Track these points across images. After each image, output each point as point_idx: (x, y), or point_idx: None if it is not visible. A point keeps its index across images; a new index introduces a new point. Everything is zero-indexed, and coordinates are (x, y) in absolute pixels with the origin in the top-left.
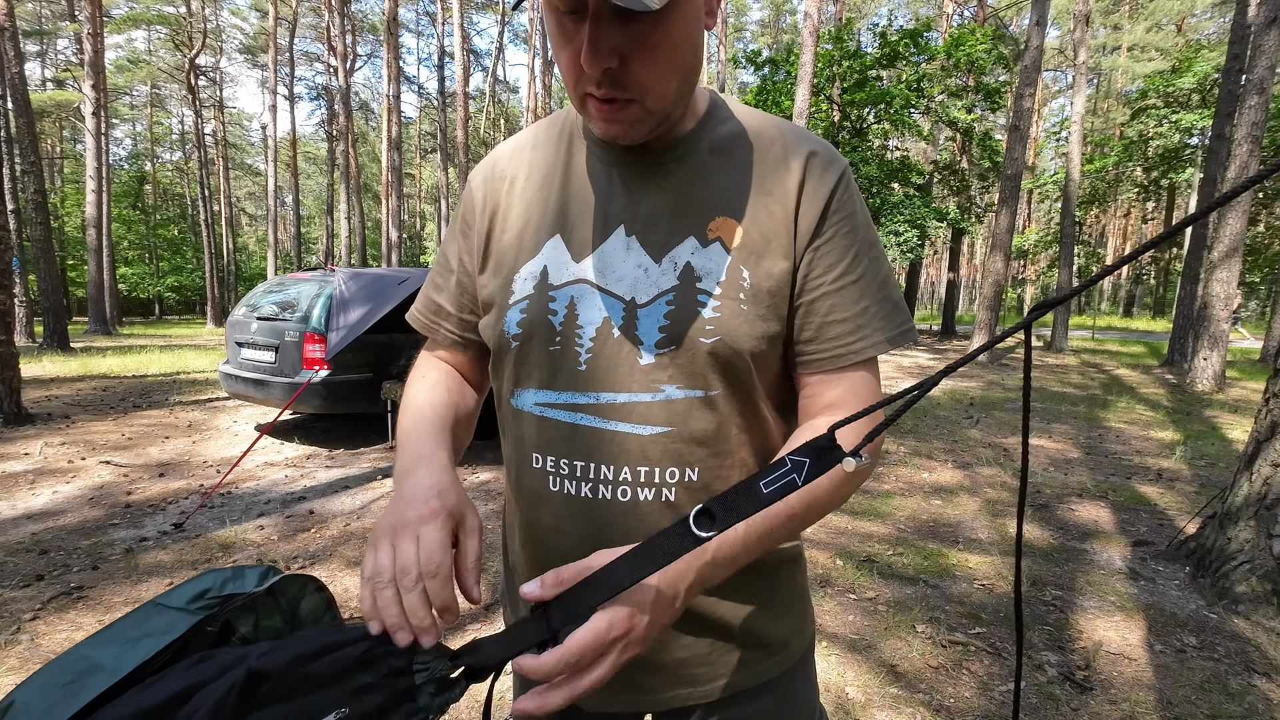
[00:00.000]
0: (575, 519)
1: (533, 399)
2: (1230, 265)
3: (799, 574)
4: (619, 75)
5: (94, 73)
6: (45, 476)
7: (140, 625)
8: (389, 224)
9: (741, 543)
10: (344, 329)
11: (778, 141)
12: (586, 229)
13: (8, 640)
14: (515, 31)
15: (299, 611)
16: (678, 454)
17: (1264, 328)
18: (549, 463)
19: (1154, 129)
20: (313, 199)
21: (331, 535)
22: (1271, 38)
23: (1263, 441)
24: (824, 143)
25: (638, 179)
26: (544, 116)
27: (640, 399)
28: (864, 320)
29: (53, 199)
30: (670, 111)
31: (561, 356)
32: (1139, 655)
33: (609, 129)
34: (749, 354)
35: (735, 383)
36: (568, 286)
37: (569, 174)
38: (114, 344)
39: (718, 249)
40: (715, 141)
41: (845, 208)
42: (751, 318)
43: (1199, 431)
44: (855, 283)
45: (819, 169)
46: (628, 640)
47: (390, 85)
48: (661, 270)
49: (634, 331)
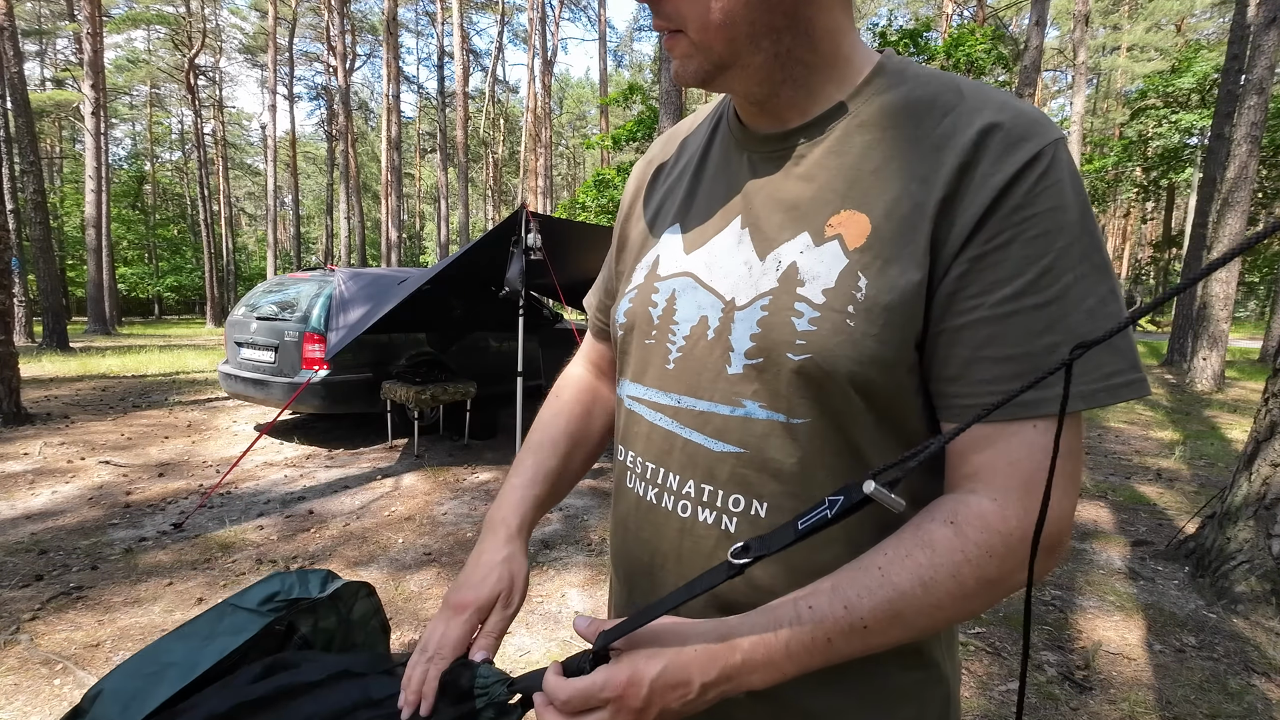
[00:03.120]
0: (640, 522)
1: (627, 390)
2: (1229, 265)
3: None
4: (660, 4)
5: (93, 72)
6: (44, 476)
7: (214, 624)
8: (388, 224)
9: (783, 646)
10: (343, 329)
11: (952, 112)
12: (705, 218)
13: (7, 640)
14: (515, 31)
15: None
16: (745, 481)
17: (1263, 327)
18: (629, 457)
19: (1153, 129)
20: (312, 199)
21: (331, 535)
22: (1271, 38)
23: (1262, 441)
24: (1022, 112)
25: (765, 162)
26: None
27: (719, 410)
28: (1043, 361)
29: (52, 199)
30: (732, 52)
31: (654, 351)
32: (1138, 655)
33: (673, 68)
34: (847, 379)
35: (827, 413)
36: (672, 279)
37: (706, 159)
38: (113, 344)
39: (834, 248)
40: (866, 116)
41: (1037, 203)
42: (857, 336)
43: (1198, 431)
44: (1039, 309)
45: (997, 148)
46: (619, 705)
47: (390, 85)
48: (764, 269)
49: (728, 335)
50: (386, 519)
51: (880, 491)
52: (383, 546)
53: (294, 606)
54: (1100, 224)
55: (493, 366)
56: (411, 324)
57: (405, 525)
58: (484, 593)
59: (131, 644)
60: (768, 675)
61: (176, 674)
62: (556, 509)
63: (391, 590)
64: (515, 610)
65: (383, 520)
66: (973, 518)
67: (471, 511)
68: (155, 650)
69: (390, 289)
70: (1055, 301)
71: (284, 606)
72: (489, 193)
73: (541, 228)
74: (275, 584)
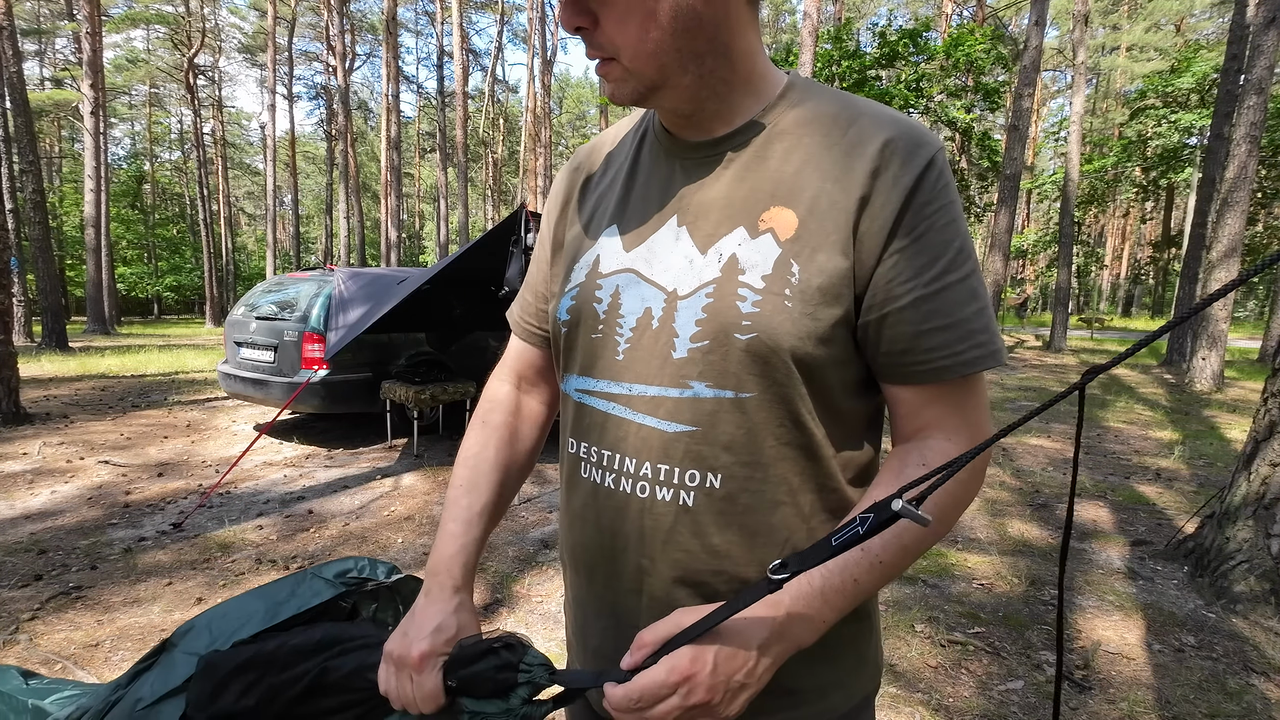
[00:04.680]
0: (597, 508)
1: (575, 385)
2: (1229, 265)
3: (853, 626)
4: (593, 35)
5: (92, 72)
6: (44, 476)
7: (295, 587)
8: (388, 223)
9: (819, 594)
10: (343, 329)
11: (855, 124)
12: (642, 219)
13: (6, 640)
14: (514, 31)
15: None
16: (700, 456)
17: (1262, 327)
18: (581, 448)
19: (1153, 129)
20: (311, 198)
21: (330, 535)
22: (1270, 38)
23: (1261, 441)
24: (911, 125)
25: (697, 167)
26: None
27: (669, 394)
28: (978, 325)
29: (51, 198)
30: (662, 75)
31: (601, 344)
32: (1137, 654)
33: (604, 88)
34: (789, 354)
35: (772, 386)
36: (614, 275)
37: (636, 166)
38: (112, 344)
39: (768, 241)
40: (782, 126)
41: (940, 197)
42: (796, 315)
43: (1197, 431)
44: (961, 282)
45: (900, 156)
46: (690, 685)
47: (389, 85)
48: (706, 261)
49: (671, 323)
50: (386, 519)
51: (908, 508)
52: (382, 546)
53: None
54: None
55: (492, 366)
56: (411, 324)
57: (405, 525)
58: (439, 642)
59: (131, 644)
60: (811, 628)
61: (258, 620)
62: (557, 510)
63: None
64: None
65: (382, 520)
66: (939, 456)
67: None
68: (239, 602)
69: (390, 289)
70: (971, 274)
71: (355, 583)
72: (488, 193)
73: (541, 227)
74: (350, 563)
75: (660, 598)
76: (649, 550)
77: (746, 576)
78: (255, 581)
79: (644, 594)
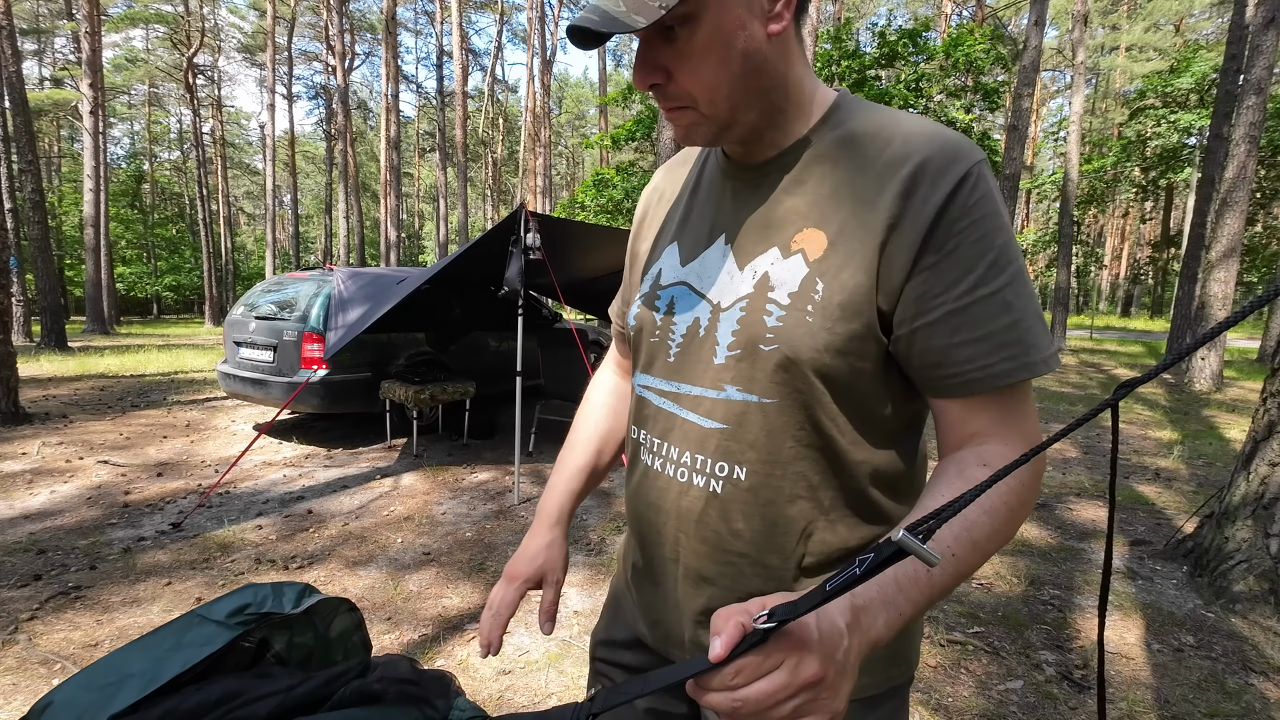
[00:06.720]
0: (648, 486)
1: (639, 380)
2: (1228, 265)
3: None
4: (666, 88)
5: (91, 71)
6: (43, 476)
7: (179, 635)
8: (387, 223)
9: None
10: (342, 328)
11: (893, 143)
12: (697, 237)
13: (5, 640)
14: (514, 31)
15: (330, 631)
16: (729, 451)
17: (1261, 327)
18: (640, 435)
19: (1152, 129)
20: (311, 198)
21: (330, 535)
22: (1269, 38)
23: (1260, 441)
24: (947, 142)
25: (744, 189)
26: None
27: (708, 394)
28: (1010, 338)
29: (50, 198)
30: (733, 115)
31: (658, 347)
32: (1137, 654)
33: (678, 133)
34: (809, 365)
35: (793, 394)
36: (671, 287)
37: (698, 187)
38: (112, 343)
39: (798, 261)
40: (823, 148)
41: (973, 212)
42: (816, 329)
43: (1197, 431)
44: (992, 296)
45: (930, 176)
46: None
47: (388, 84)
48: (743, 278)
49: (715, 333)
50: (385, 519)
51: (912, 541)
52: (381, 546)
53: (265, 621)
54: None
55: (492, 366)
56: (411, 324)
57: (404, 525)
58: (531, 569)
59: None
60: (889, 615)
61: (136, 686)
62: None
63: (390, 590)
64: (559, 585)
65: (382, 520)
66: (999, 458)
67: (470, 511)
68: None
69: (389, 288)
70: (1006, 287)
71: (254, 620)
72: (488, 192)
73: (540, 227)
74: (247, 596)
75: (693, 567)
76: (684, 527)
77: (767, 561)
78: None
79: (680, 563)
